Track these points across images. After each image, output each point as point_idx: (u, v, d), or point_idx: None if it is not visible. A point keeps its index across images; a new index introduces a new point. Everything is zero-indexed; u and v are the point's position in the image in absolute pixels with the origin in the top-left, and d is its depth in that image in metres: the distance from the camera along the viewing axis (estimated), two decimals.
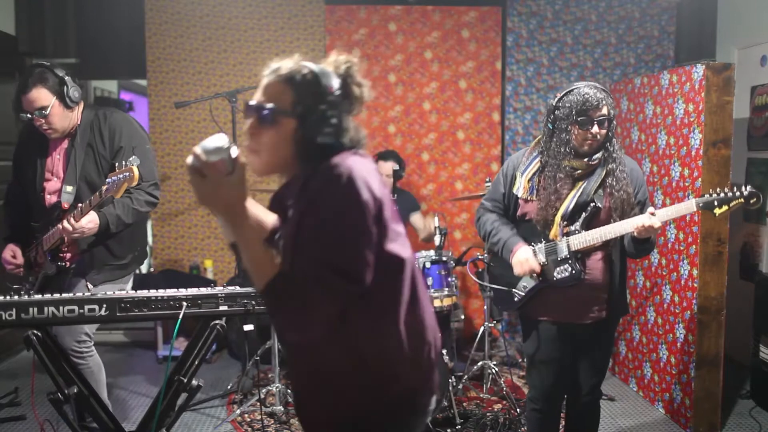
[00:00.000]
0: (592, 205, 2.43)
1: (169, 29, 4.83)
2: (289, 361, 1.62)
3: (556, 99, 2.44)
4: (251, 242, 1.38)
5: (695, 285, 3.37)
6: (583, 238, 2.43)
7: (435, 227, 3.92)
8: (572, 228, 2.45)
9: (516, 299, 2.59)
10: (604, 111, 2.37)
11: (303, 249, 1.37)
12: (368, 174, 1.41)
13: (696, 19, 4.94)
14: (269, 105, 1.44)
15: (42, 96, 2.67)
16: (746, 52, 4.49)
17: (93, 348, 2.86)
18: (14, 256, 2.81)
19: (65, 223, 2.57)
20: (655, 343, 3.77)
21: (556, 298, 2.50)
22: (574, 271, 2.44)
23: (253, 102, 1.46)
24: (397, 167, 3.82)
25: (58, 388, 2.18)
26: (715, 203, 2.34)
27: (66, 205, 2.71)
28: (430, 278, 3.85)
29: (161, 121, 4.87)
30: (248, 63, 4.89)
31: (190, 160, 1.33)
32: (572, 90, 2.40)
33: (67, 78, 2.73)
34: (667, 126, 3.65)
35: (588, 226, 2.44)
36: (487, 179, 3.99)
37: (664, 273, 3.67)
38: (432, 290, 3.84)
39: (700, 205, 2.36)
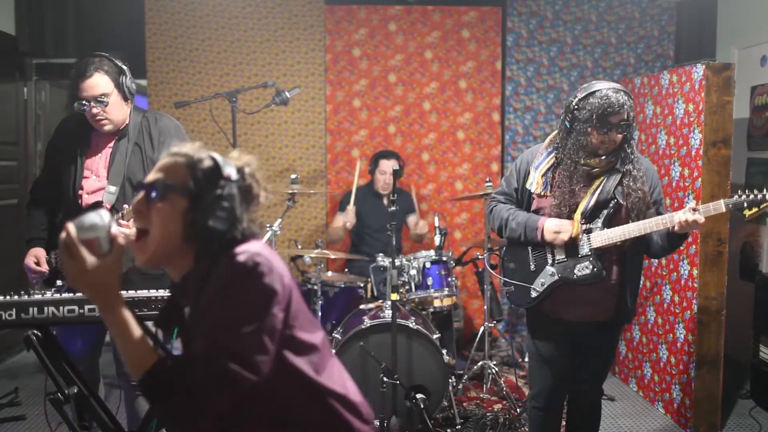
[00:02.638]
0: (614, 202, 2.42)
1: (169, 29, 4.83)
2: None
3: (576, 99, 2.38)
4: (125, 332, 1.33)
5: (695, 285, 3.37)
6: (606, 236, 2.41)
7: (435, 227, 3.92)
8: (593, 225, 2.43)
9: (533, 295, 2.55)
10: (625, 116, 2.34)
11: (204, 335, 1.32)
12: (274, 260, 1.37)
13: (696, 19, 4.94)
14: (162, 179, 1.39)
15: (103, 82, 2.56)
16: (746, 52, 4.49)
17: None
18: (38, 263, 2.67)
19: (125, 227, 2.44)
20: (655, 343, 3.77)
21: (568, 296, 2.48)
22: (595, 269, 2.42)
23: (146, 179, 1.42)
24: (397, 167, 3.82)
25: (58, 388, 2.17)
26: (745, 204, 2.31)
27: (108, 206, 2.58)
28: (430, 278, 3.85)
29: None
30: (248, 63, 4.89)
31: (63, 235, 1.29)
32: (594, 92, 2.34)
33: (125, 67, 2.65)
34: (667, 126, 3.65)
35: (609, 224, 2.43)
36: (487, 179, 4.00)
37: (664, 273, 3.67)
38: (432, 290, 3.84)
39: (729, 206, 2.33)
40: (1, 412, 3.63)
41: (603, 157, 2.40)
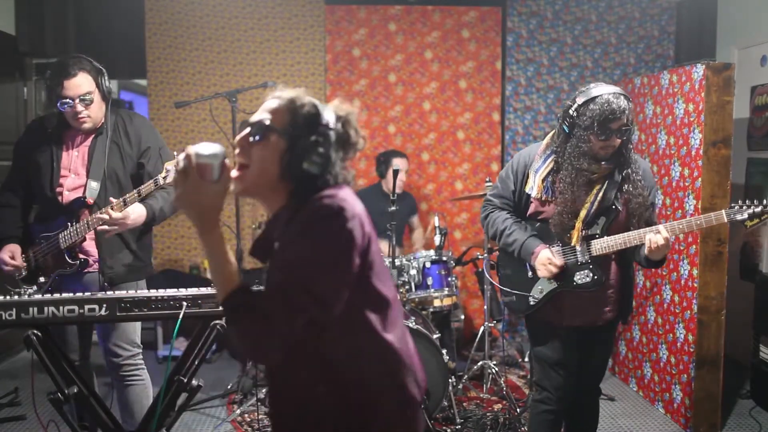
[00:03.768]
0: (613, 208, 2.40)
1: (169, 29, 4.83)
2: (270, 394, 1.59)
3: (576, 104, 2.33)
4: (217, 251, 1.39)
5: (695, 285, 3.37)
6: (606, 244, 2.40)
7: (435, 227, 3.92)
8: (591, 232, 2.41)
9: (531, 303, 2.53)
10: (625, 120, 2.30)
11: (281, 269, 1.38)
12: (359, 209, 1.43)
13: (696, 19, 4.94)
14: (264, 120, 1.46)
15: (86, 82, 2.63)
16: (746, 52, 4.49)
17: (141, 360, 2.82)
18: (13, 257, 2.72)
19: (105, 214, 2.51)
20: (655, 343, 3.77)
21: (570, 302, 2.48)
22: (596, 277, 2.41)
23: (252, 118, 1.49)
24: (404, 167, 3.82)
25: (58, 388, 2.17)
26: (746, 216, 2.31)
27: (91, 201, 2.66)
28: (430, 278, 3.85)
29: (161, 121, 4.87)
30: (248, 63, 4.89)
31: (181, 157, 1.36)
32: (595, 98, 2.29)
33: (103, 69, 2.71)
34: (667, 126, 3.65)
35: (607, 230, 2.41)
36: (487, 179, 3.99)
37: (664, 273, 3.67)
38: (432, 290, 3.84)
39: (730, 217, 2.31)
40: (1, 412, 3.63)
41: (603, 163, 2.37)
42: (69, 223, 2.66)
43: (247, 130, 1.47)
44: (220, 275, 1.40)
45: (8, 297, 2.10)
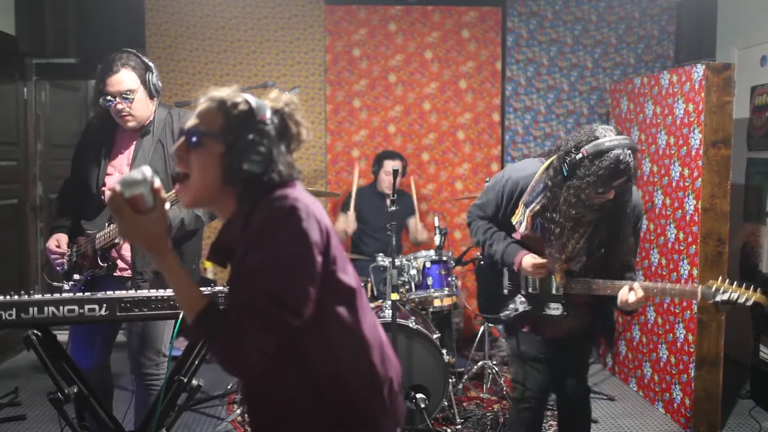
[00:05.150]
0: (596, 249, 2.36)
1: (169, 29, 4.83)
2: (245, 395, 1.57)
3: (581, 155, 2.17)
4: (174, 275, 1.39)
5: (695, 285, 3.36)
6: (581, 287, 2.36)
7: (435, 227, 3.92)
8: (573, 268, 2.37)
9: (502, 317, 2.55)
10: (628, 177, 2.19)
11: (245, 279, 1.36)
12: (312, 205, 1.40)
13: (696, 19, 4.94)
14: (197, 126, 1.43)
15: (130, 78, 2.56)
16: (746, 52, 4.49)
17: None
18: (58, 246, 2.67)
19: None
20: (655, 343, 3.77)
21: (541, 321, 2.48)
22: (565, 313, 2.39)
23: (185, 126, 1.46)
24: (397, 168, 3.83)
25: (58, 388, 2.17)
26: (720, 300, 2.23)
27: None
28: (430, 278, 3.85)
29: None
30: (248, 63, 4.89)
31: (109, 194, 1.35)
32: (605, 153, 2.13)
33: (151, 65, 2.64)
34: (667, 126, 3.65)
35: (586, 269, 2.38)
36: (487, 179, 3.98)
37: (664, 273, 3.67)
38: (432, 290, 3.84)
39: (706, 295, 2.26)
40: (1, 412, 3.63)
41: (597, 209, 2.27)
42: (107, 224, 2.57)
43: (182, 138, 1.45)
44: (184, 297, 1.39)
45: (8, 297, 2.10)
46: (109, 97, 2.55)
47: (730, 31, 4.73)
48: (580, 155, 2.18)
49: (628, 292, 2.25)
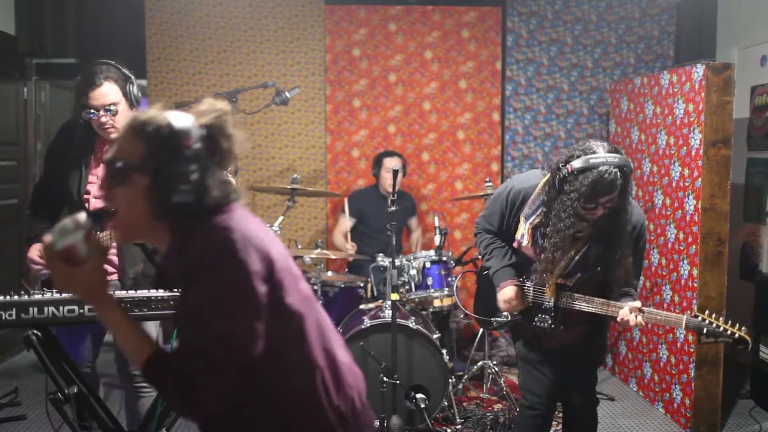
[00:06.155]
0: (592, 267, 2.34)
1: (169, 29, 4.83)
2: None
3: (568, 170, 2.17)
4: (117, 323, 1.34)
5: (695, 285, 3.37)
6: (576, 303, 2.36)
7: (435, 227, 3.92)
8: (566, 283, 2.37)
9: (494, 324, 2.59)
10: (614, 196, 2.16)
11: (189, 319, 1.30)
12: (248, 230, 1.30)
13: (696, 19, 4.94)
14: (116, 159, 1.32)
15: (113, 92, 2.55)
16: (746, 52, 4.49)
17: None
18: (41, 256, 2.61)
19: None
20: (655, 343, 3.77)
21: (536, 330, 2.48)
22: (553, 326, 2.39)
23: (107, 156, 1.36)
24: (397, 166, 3.82)
25: (58, 388, 2.17)
26: (705, 331, 2.20)
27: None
28: (430, 278, 3.85)
29: None
30: (248, 63, 4.89)
31: (40, 248, 1.31)
32: (588, 169, 2.13)
33: (131, 75, 2.64)
34: (667, 126, 3.65)
35: (580, 285, 2.37)
36: (488, 179, 3.99)
37: (664, 273, 3.67)
38: (432, 290, 3.84)
39: (690, 325, 2.23)
40: (1, 412, 3.63)
41: (590, 225, 2.26)
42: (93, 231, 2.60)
43: (105, 173, 1.34)
44: (129, 346, 1.33)
45: (8, 297, 2.10)
46: (92, 111, 2.54)
47: (730, 30, 4.73)
48: (566, 171, 2.19)
49: (630, 313, 2.24)
